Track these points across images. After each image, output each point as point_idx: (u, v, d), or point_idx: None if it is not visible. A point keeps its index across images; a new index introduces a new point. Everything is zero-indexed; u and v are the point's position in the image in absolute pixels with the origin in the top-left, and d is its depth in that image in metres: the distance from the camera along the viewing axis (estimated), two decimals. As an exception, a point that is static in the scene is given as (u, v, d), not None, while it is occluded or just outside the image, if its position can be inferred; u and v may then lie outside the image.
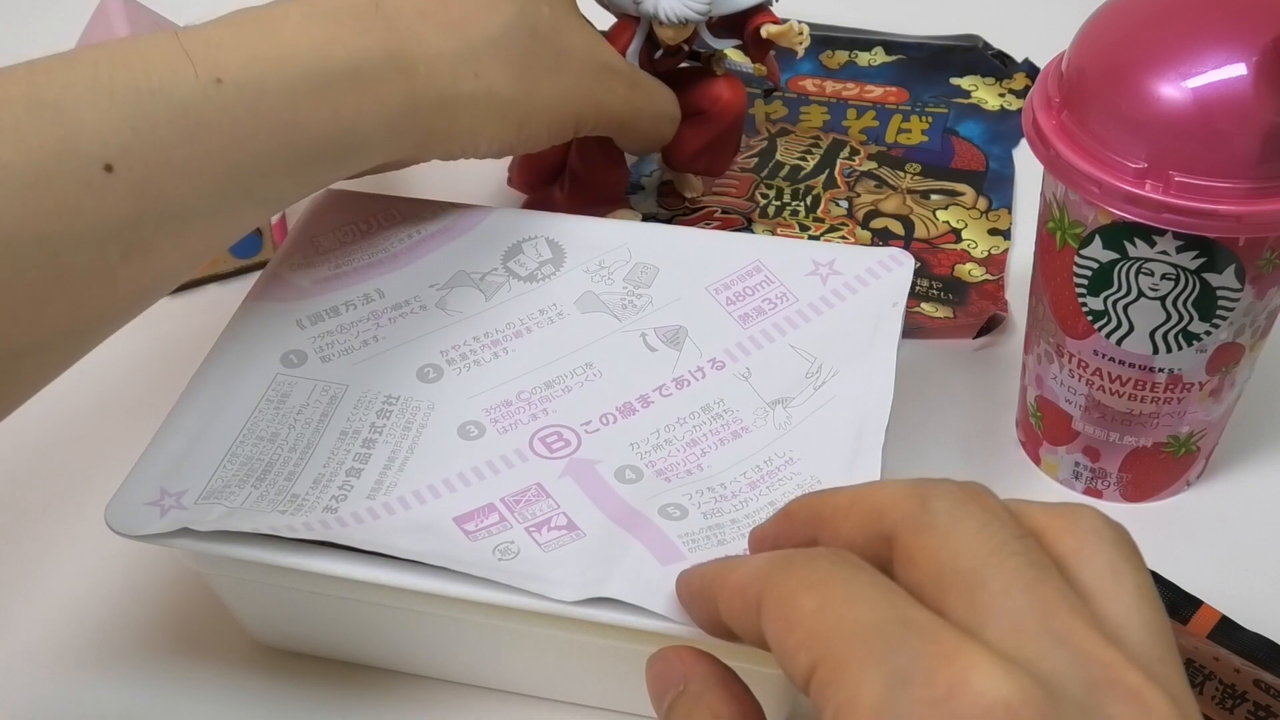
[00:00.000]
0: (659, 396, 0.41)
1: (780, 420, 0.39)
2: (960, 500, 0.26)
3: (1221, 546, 0.45)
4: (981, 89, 0.66)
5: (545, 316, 0.43)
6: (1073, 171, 0.38)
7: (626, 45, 0.52)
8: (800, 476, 0.37)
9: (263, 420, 0.39)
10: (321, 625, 0.39)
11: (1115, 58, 0.38)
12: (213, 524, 0.35)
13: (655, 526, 0.36)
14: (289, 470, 0.38)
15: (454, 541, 0.36)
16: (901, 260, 0.44)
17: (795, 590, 0.25)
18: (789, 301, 0.43)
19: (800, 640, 0.24)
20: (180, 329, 0.54)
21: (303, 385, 0.41)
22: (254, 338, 0.42)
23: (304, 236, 0.46)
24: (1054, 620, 0.23)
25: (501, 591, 0.34)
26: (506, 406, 0.40)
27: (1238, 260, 0.38)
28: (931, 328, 0.52)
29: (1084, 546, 0.26)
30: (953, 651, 0.22)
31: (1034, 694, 0.21)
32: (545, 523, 0.36)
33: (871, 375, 0.40)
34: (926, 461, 0.47)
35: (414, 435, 0.39)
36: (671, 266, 0.45)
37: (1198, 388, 0.42)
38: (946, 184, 0.60)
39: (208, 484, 0.37)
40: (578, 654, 0.37)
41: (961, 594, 0.24)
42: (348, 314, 0.43)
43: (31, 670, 0.41)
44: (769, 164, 0.61)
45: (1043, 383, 0.45)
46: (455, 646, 0.39)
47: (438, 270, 0.45)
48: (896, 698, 0.22)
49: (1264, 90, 0.35)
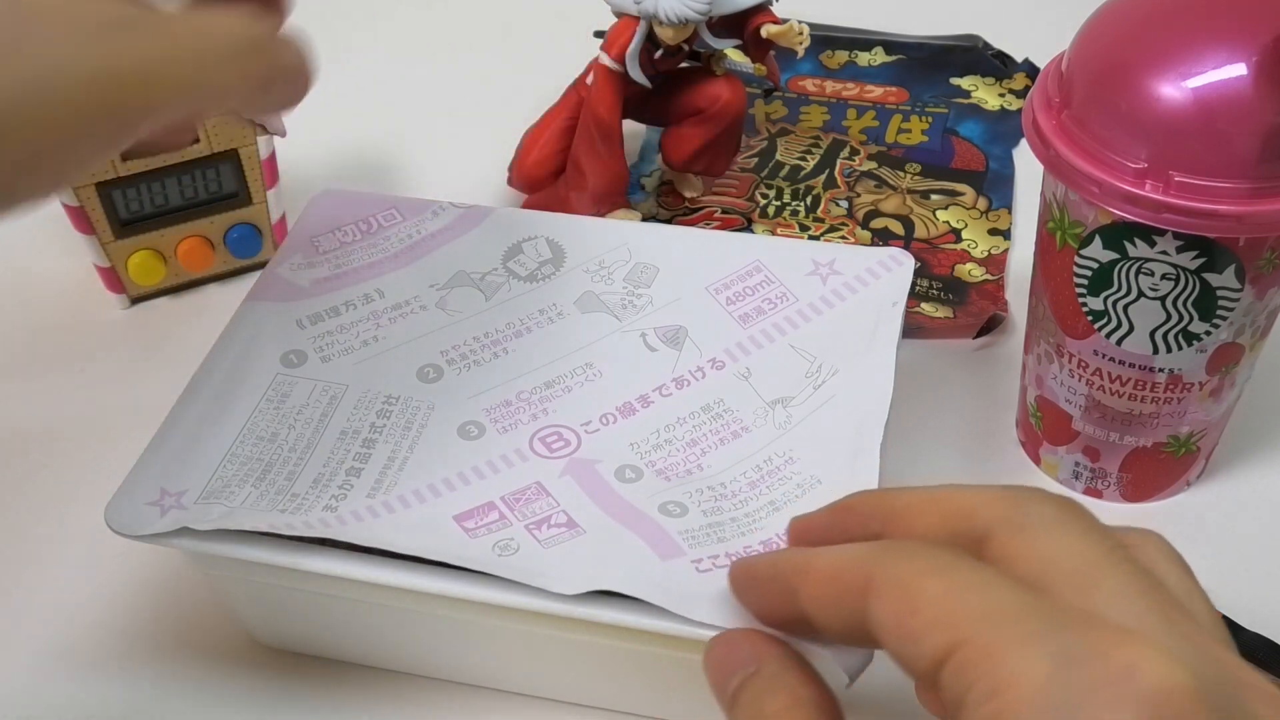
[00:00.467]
0: (659, 396, 0.41)
1: (780, 420, 0.39)
2: (1060, 507, 0.26)
3: (1221, 546, 0.45)
4: (981, 89, 0.66)
5: (545, 316, 0.43)
6: (1073, 171, 0.38)
7: (626, 45, 0.52)
8: (800, 476, 0.37)
9: (263, 420, 0.39)
10: (322, 625, 0.39)
11: (1115, 58, 0.38)
12: (213, 523, 0.35)
13: (655, 523, 0.36)
14: (289, 470, 0.38)
15: (453, 539, 0.36)
16: (901, 260, 0.44)
17: (916, 574, 0.25)
18: (789, 301, 0.43)
19: (930, 622, 0.24)
20: (180, 329, 0.55)
21: (303, 385, 0.41)
22: (254, 338, 0.42)
23: (303, 236, 0.46)
24: (1176, 624, 0.24)
25: (502, 590, 0.34)
26: (506, 406, 0.40)
27: (1238, 260, 0.38)
28: (931, 328, 0.52)
29: (1157, 566, 0.26)
30: (1121, 638, 0.22)
31: (1199, 684, 0.22)
32: (545, 520, 0.36)
33: (871, 374, 0.40)
34: (926, 461, 0.47)
35: (414, 435, 0.39)
36: (671, 266, 0.45)
37: (1198, 388, 0.42)
38: (946, 184, 0.60)
39: (207, 484, 0.37)
40: (579, 654, 0.37)
41: (1074, 593, 0.24)
42: (348, 314, 0.43)
43: (32, 670, 0.41)
44: (769, 164, 0.61)
45: (1043, 383, 0.45)
46: (455, 646, 0.39)
47: (438, 270, 0.45)
48: (1067, 677, 0.22)
49: (1264, 90, 0.35)
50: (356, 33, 0.74)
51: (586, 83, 0.55)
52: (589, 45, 0.59)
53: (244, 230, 0.55)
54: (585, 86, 0.55)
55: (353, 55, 0.72)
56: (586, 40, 0.66)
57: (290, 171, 0.59)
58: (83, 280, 0.56)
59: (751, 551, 0.35)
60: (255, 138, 0.53)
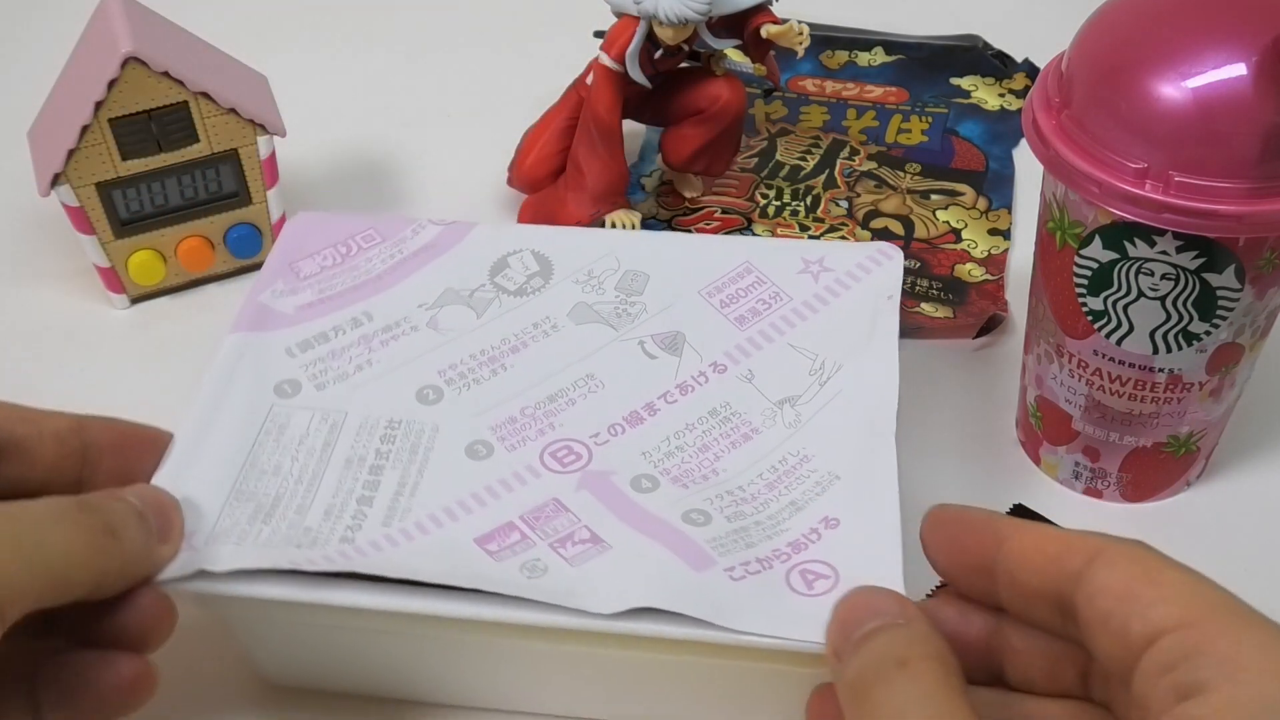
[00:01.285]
0: (664, 404, 0.40)
1: (789, 419, 0.39)
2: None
3: (1221, 546, 0.45)
4: (981, 89, 0.66)
5: (540, 330, 0.43)
6: (1073, 171, 0.38)
7: (626, 45, 0.52)
8: (818, 474, 0.37)
9: (264, 453, 0.38)
10: (342, 659, 0.38)
11: (1115, 58, 0.38)
12: (229, 564, 0.34)
13: (681, 533, 0.35)
14: (298, 503, 0.37)
15: (479, 562, 0.35)
16: (890, 254, 0.44)
17: (1153, 557, 0.28)
18: (783, 301, 0.43)
19: (1166, 596, 0.27)
20: (180, 329, 0.55)
21: (300, 415, 0.40)
22: (244, 370, 0.41)
23: (282, 262, 0.45)
24: None
25: (537, 611, 0.33)
26: (512, 423, 0.40)
27: (1238, 260, 0.38)
28: (931, 328, 0.52)
29: None
30: None
31: None
32: (568, 537, 0.36)
33: (876, 369, 0.40)
34: (926, 461, 0.47)
35: (421, 458, 0.39)
36: (661, 272, 0.44)
37: (1198, 388, 0.42)
38: (946, 184, 0.60)
39: (216, 523, 0.36)
40: (614, 670, 0.36)
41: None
42: (338, 339, 0.42)
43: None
44: (769, 164, 0.61)
45: (1043, 383, 0.45)
46: (484, 671, 0.38)
47: (425, 289, 0.44)
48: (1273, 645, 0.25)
49: (1264, 90, 0.35)
50: (357, 33, 0.74)
51: (586, 83, 0.55)
52: (589, 45, 0.59)
53: (244, 230, 0.55)
54: (585, 86, 0.55)
55: (353, 55, 0.72)
56: (586, 40, 0.66)
57: (290, 171, 0.59)
58: (83, 280, 0.56)
59: (781, 554, 0.35)
60: (255, 137, 0.53)
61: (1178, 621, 0.26)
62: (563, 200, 0.56)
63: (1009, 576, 0.30)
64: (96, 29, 0.52)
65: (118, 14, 0.50)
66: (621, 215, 0.55)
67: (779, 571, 0.34)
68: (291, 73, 0.63)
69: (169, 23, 0.53)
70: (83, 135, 0.50)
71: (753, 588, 0.33)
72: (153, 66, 0.49)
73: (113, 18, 0.50)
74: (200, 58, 0.53)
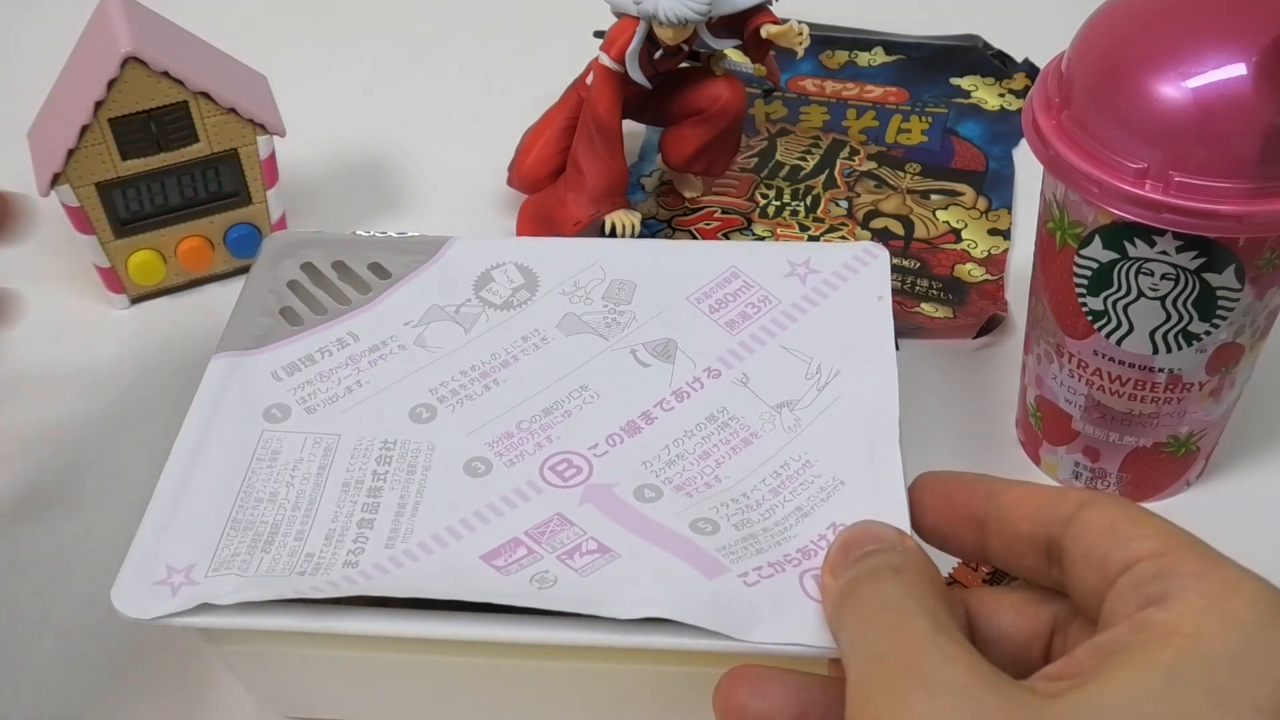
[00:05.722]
0: (661, 411, 0.40)
1: (788, 423, 0.39)
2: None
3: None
4: (981, 89, 0.66)
5: (529, 343, 0.42)
6: (1073, 171, 0.38)
7: (626, 45, 0.52)
8: (821, 480, 0.37)
9: (258, 480, 0.38)
10: (347, 686, 0.38)
11: (1115, 58, 0.38)
12: (231, 596, 0.33)
13: (691, 543, 0.35)
14: (296, 530, 0.36)
15: (488, 578, 0.34)
16: (876, 253, 0.44)
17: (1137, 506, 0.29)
18: (771, 304, 0.43)
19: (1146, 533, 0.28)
20: (180, 329, 0.55)
21: (292, 439, 0.39)
22: (231, 395, 0.40)
23: (261, 285, 0.44)
24: None
25: (551, 629, 0.33)
26: (509, 439, 0.39)
27: (1238, 260, 0.38)
28: (931, 328, 0.52)
29: None
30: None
31: None
32: (576, 549, 0.35)
33: (874, 371, 0.40)
34: (927, 461, 0.46)
35: (420, 478, 0.38)
36: (648, 280, 0.44)
37: (1197, 388, 0.42)
38: (946, 184, 0.60)
39: (214, 554, 0.35)
40: (627, 684, 0.36)
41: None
42: (325, 361, 0.42)
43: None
44: (769, 164, 0.61)
45: (1043, 383, 0.45)
46: (496, 692, 0.37)
47: (409, 307, 0.43)
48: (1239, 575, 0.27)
49: (1264, 90, 0.35)
50: (357, 32, 0.74)
51: (586, 83, 0.55)
52: (589, 45, 0.59)
53: (244, 230, 0.55)
54: (585, 86, 0.55)
55: (353, 55, 0.72)
56: (586, 40, 0.66)
57: (290, 171, 0.59)
58: (83, 280, 0.56)
59: (791, 560, 0.35)
60: (255, 137, 0.53)
61: (1153, 551, 0.27)
62: (562, 200, 0.56)
63: (1000, 525, 0.31)
64: (96, 29, 0.52)
65: (117, 14, 0.50)
66: (621, 215, 0.55)
67: (792, 575, 0.34)
68: (291, 73, 0.63)
69: (169, 23, 0.53)
70: (82, 135, 0.50)
71: (768, 593, 0.33)
72: (152, 66, 0.49)
73: (112, 17, 0.50)
74: (200, 58, 0.53)
